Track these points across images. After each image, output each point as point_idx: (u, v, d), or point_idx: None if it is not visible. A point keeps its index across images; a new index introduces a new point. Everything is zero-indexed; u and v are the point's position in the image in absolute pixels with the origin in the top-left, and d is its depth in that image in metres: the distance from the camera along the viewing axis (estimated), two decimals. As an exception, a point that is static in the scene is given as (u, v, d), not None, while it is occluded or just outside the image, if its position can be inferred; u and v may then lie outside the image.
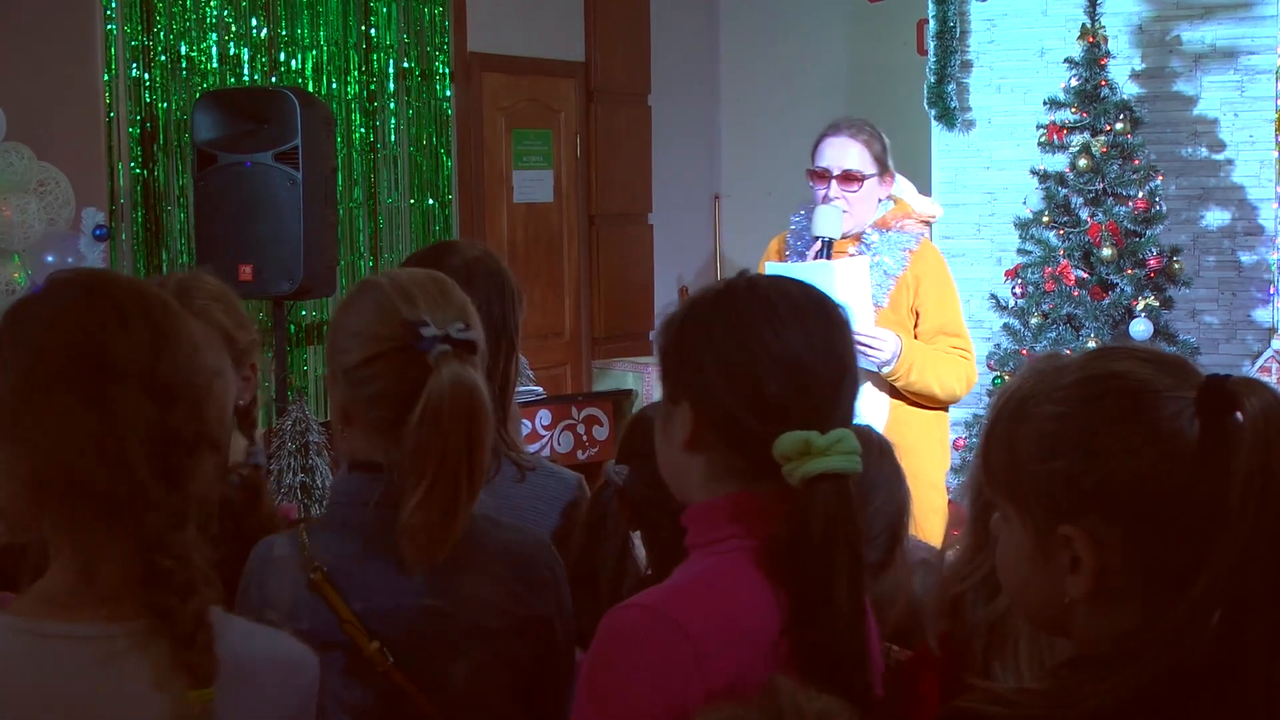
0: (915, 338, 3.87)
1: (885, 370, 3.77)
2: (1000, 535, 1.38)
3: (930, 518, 3.76)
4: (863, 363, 3.76)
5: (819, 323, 1.68)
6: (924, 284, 3.87)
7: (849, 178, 3.87)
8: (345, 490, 1.93)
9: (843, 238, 3.90)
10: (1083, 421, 1.30)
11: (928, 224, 3.97)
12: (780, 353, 1.65)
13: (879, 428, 3.79)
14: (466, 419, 1.79)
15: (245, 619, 1.48)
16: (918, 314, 3.88)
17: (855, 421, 1.77)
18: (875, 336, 3.73)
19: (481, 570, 1.92)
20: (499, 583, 1.92)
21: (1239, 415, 1.25)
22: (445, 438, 1.77)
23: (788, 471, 1.60)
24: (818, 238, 3.84)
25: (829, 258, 3.81)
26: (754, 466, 1.63)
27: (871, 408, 3.82)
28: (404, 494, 1.79)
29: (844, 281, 3.73)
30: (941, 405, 3.90)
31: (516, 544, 1.98)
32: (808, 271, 3.78)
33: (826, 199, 3.87)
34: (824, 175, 3.89)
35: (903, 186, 4.01)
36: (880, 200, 3.94)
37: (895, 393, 3.85)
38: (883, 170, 3.91)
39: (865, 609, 1.62)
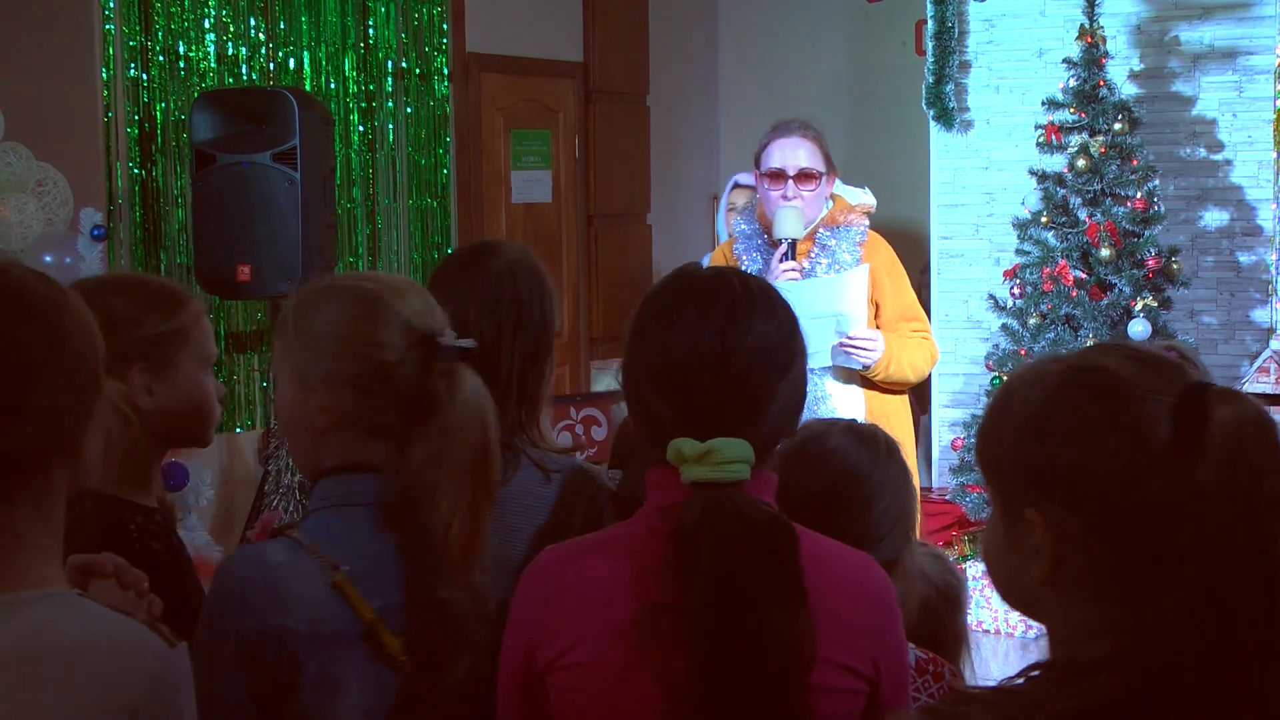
0: (878, 327, 3.94)
1: (868, 370, 3.86)
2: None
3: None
4: (849, 362, 3.83)
5: (715, 326, 1.70)
6: (880, 275, 3.94)
7: (806, 176, 3.92)
8: (343, 491, 1.91)
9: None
10: (1056, 409, 1.31)
11: (867, 215, 4.02)
12: (661, 357, 1.71)
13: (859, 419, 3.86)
14: (487, 427, 1.89)
15: (98, 607, 1.44)
16: (877, 305, 3.95)
17: (840, 418, 1.80)
18: (868, 338, 3.82)
19: None
20: (485, 570, 1.95)
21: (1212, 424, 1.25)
22: (473, 445, 1.87)
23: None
24: (781, 240, 3.89)
25: (793, 258, 3.87)
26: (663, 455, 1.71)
27: (848, 402, 3.87)
28: (431, 498, 1.85)
29: (853, 291, 3.82)
30: (909, 388, 4.02)
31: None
32: (818, 287, 3.84)
33: (785, 198, 3.91)
34: (780, 175, 3.93)
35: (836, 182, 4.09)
36: (825, 198, 4.01)
37: (865, 383, 3.92)
38: (830, 168, 3.98)
39: (733, 622, 1.62)
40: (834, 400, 3.87)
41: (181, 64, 5.82)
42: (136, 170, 5.72)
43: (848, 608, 1.72)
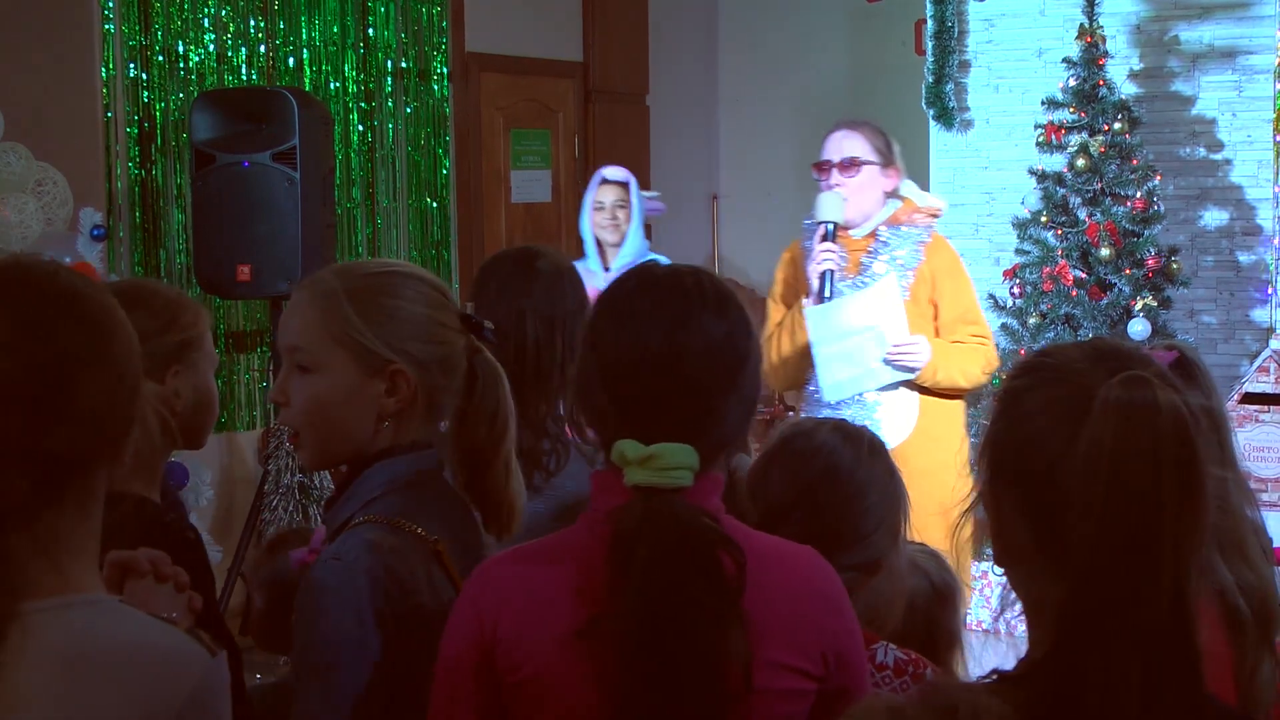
0: (935, 329, 3.96)
1: (915, 375, 3.89)
2: None
3: (963, 505, 3.88)
4: (898, 375, 3.87)
5: (665, 325, 1.66)
6: (940, 276, 3.98)
7: (849, 164, 3.97)
8: (406, 470, 1.93)
9: (856, 236, 3.99)
10: (1006, 391, 1.37)
11: (935, 217, 4.04)
12: (610, 354, 1.68)
13: (910, 424, 3.92)
14: (508, 391, 2.03)
15: (139, 614, 1.43)
16: (936, 305, 3.98)
17: (848, 420, 1.78)
18: (912, 343, 3.85)
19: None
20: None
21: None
22: (504, 411, 2.01)
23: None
24: (820, 223, 3.92)
25: (834, 241, 3.91)
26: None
27: (901, 407, 3.89)
28: (486, 462, 1.98)
29: (883, 303, 3.85)
30: (965, 393, 4.04)
31: None
32: (842, 307, 3.88)
33: (828, 187, 3.96)
34: (825, 166, 4.01)
35: (908, 185, 4.09)
36: (888, 197, 4.03)
37: (918, 389, 3.96)
38: (886, 162, 4.00)
39: (664, 631, 1.59)
40: (885, 407, 3.91)
41: (181, 64, 5.83)
42: (136, 170, 5.72)
43: (793, 606, 1.69)
